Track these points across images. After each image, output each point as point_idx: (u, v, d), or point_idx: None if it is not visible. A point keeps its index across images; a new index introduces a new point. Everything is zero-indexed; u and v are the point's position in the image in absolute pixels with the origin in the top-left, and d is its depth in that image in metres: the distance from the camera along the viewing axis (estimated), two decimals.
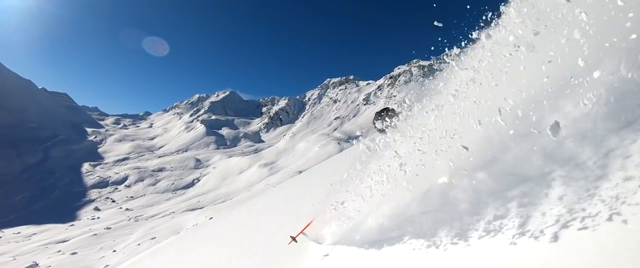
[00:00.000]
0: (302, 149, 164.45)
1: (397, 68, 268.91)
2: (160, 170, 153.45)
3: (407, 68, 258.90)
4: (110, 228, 72.08)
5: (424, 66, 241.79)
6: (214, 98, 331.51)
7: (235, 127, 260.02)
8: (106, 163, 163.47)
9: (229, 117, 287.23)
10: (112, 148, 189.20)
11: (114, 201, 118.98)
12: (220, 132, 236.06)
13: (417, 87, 7.43)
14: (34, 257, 55.40)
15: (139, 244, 52.08)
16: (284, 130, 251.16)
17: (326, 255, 6.91)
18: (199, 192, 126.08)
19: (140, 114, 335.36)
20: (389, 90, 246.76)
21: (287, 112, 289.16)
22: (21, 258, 55.28)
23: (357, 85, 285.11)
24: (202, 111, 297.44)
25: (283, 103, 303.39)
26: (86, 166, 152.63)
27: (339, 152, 73.87)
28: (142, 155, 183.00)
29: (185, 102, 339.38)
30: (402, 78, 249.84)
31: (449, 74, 6.35)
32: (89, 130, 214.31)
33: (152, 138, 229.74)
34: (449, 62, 6.75)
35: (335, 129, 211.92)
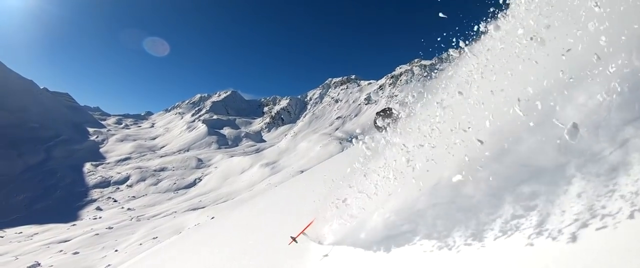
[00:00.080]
0: (304, 149, 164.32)
1: (398, 67, 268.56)
2: (162, 169, 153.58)
3: (409, 67, 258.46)
4: (112, 228, 72.11)
5: (425, 65, 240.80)
6: (215, 98, 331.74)
7: (236, 127, 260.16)
8: (108, 163, 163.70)
9: (230, 117, 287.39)
10: (114, 148, 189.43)
11: (115, 201, 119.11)
12: (221, 131, 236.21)
13: (421, 84, 7.31)
14: (35, 256, 55.41)
15: (140, 244, 52.04)
16: (285, 130, 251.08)
17: (326, 255, 6.79)
18: (201, 191, 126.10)
19: (142, 114, 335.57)
20: (390, 90, 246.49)
21: (289, 111, 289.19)
22: (23, 258, 55.29)
23: (359, 85, 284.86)
24: (203, 111, 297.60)
25: (284, 103, 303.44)
26: (88, 166, 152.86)
27: (341, 152, 73.88)
28: (144, 155, 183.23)
29: (186, 101, 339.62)
30: (404, 77, 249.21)
31: (455, 66, 6.25)
32: (90, 130, 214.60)
33: (154, 138, 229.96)
34: (449, 62, 6.69)
35: (337, 129, 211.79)
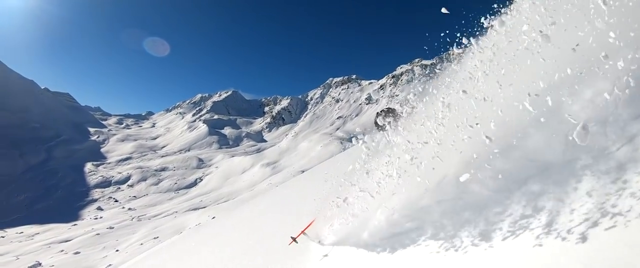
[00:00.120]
0: (305, 149, 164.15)
1: (399, 67, 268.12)
2: (163, 169, 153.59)
3: (410, 67, 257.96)
4: (113, 227, 72.08)
5: (426, 65, 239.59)
6: (216, 98, 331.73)
7: (237, 127, 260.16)
8: (109, 163, 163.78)
9: (231, 117, 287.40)
10: (115, 148, 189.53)
11: (116, 201, 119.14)
12: (222, 131, 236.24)
13: (423, 82, 7.25)
14: (36, 256, 55.40)
15: (141, 244, 51.99)
16: (286, 130, 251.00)
17: (325, 255, 6.75)
18: (202, 191, 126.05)
19: (143, 114, 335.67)
20: (391, 90, 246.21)
21: (290, 111, 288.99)
22: (24, 257, 55.28)
23: (360, 85, 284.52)
24: (204, 111, 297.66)
25: (285, 102, 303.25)
26: (89, 166, 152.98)
27: (342, 152, 73.78)
28: (145, 155, 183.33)
29: (187, 101, 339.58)
30: (405, 77, 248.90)
31: (460, 63, 6.18)
32: (91, 130, 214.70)
33: (155, 138, 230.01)
34: (451, 62, 6.61)
35: (338, 129, 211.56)
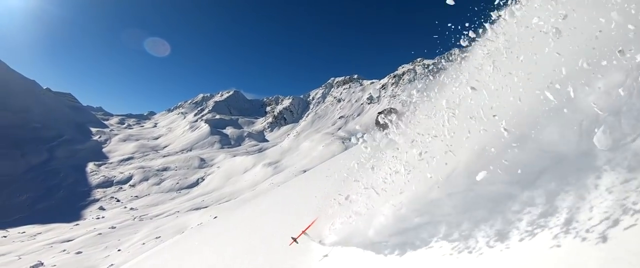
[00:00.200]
0: (306, 148, 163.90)
1: (401, 67, 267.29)
2: (165, 169, 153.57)
3: (411, 67, 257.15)
4: (115, 227, 71.96)
5: (428, 65, 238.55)
6: (218, 98, 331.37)
7: (239, 127, 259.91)
8: (111, 163, 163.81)
9: (233, 117, 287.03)
10: (117, 148, 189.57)
11: (118, 200, 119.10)
12: (224, 131, 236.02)
13: (426, 81, 7.16)
14: (39, 256, 55.34)
15: (143, 243, 51.87)
16: (288, 130, 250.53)
17: (325, 255, 6.68)
18: (204, 191, 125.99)
19: (145, 114, 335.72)
20: (393, 89, 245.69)
21: (291, 111, 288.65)
22: (26, 257, 55.21)
23: (361, 85, 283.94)
24: (206, 111, 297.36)
25: (287, 102, 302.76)
26: (91, 166, 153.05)
27: (344, 151, 73.67)
28: (147, 155, 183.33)
29: (189, 101, 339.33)
30: (407, 77, 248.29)
31: (466, 58, 6.08)
32: (93, 130, 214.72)
33: (157, 138, 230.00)
34: (452, 61, 6.52)
35: (340, 128, 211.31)
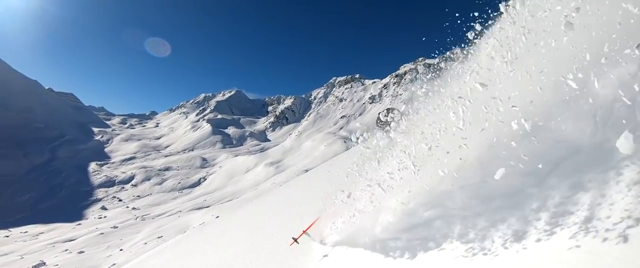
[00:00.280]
0: (308, 148, 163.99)
1: (402, 66, 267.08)
2: (167, 169, 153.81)
3: (413, 66, 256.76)
4: (117, 227, 72.03)
5: (430, 64, 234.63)
6: (219, 97, 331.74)
7: (241, 126, 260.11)
8: (113, 162, 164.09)
9: (235, 116, 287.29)
10: (119, 148, 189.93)
11: (120, 200, 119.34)
12: (226, 131, 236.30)
13: (429, 80, 7.02)
14: (41, 255, 55.39)
15: (145, 243, 51.83)
16: (290, 129, 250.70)
17: (325, 255, 6.59)
18: (205, 191, 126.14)
19: (147, 114, 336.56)
20: (394, 89, 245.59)
21: (293, 110, 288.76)
22: (29, 257, 55.22)
23: (363, 84, 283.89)
24: (208, 110, 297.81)
25: (289, 102, 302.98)
26: (93, 165, 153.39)
27: (345, 151, 73.59)
28: (149, 155, 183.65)
29: (191, 101, 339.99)
30: (408, 76, 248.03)
31: (472, 53, 5.92)
32: (95, 129, 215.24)
33: (159, 138, 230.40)
34: (454, 61, 6.38)
35: (342, 128, 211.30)
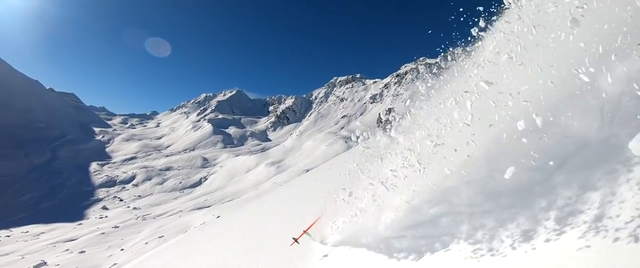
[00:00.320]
0: (309, 148, 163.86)
1: (403, 66, 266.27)
2: (168, 169, 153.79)
3: (414, 66, 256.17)
4: (118, 227, 72.08)
5: (430, 64, 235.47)
6: (220, 97, 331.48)
7: (242, 126, 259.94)
8: (114, 162, 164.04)
9: (235, 116, 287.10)
10: (120, 148, 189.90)
11: (121, 200, 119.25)
12: (227, 131, 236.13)
13: (431, 79, 6.95)
14: (42, 255, 55.46)
15: (146, 243, 51.87)
16: (290, 129, 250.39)
17: (325, 255, 6.53)
18: (206, 190, 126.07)
19: (148, 114, 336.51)
20: (395, 89, 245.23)
21: (294, 110, 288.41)
22: (30, 257, 55.27)
23: (364, 84, 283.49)
24: (209, 110, 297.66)
25: (290, 102, 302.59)
26: (94, 165, 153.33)
27: (346, 151, 73.52)
28: (150, 155, 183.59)
29: (192, 101, 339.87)
30: (409, 76, 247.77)
31: (476, 50, 5.85)
32: (96, 129, 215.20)
33: (160, 138, 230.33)
34: (455, 60, 6.31)
35: (343, 128, 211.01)
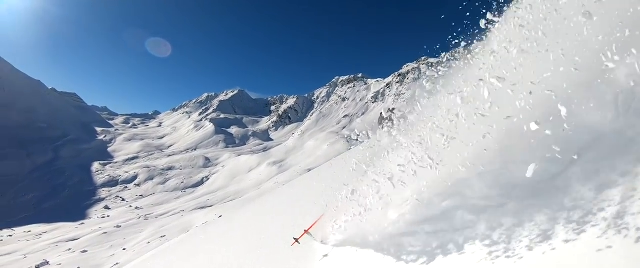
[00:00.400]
0: (311, 147, 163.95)
1: (405, 66, 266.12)
2: (170, 168, 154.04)
3: (416, 66, 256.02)
4: (120, 226, 72.14)
5: (432, 63, 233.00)
6: (222, 97, 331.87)
7: (244, 126, 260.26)
8: (116, 162, 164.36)
9: (237, 116, 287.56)
10: (122, 148, 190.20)
11: (123, 200, 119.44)
12: (229, 130, 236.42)
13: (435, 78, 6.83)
14: (44, 255, 55.48)
15: (148, 242, 51.90)
16: (292, 129, 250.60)
17: (325, 255, 6.44)
18: (208, 190, 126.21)
19: (150, 113, 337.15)
20: (397, 88, 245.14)
21: (296, 110, 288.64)
22: (32, 256, 55.32)
23: (366, 83, 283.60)
24: (211, 110, 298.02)
25: (292, 101, 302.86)
26: (96, 165, 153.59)
27: (348, 150, 73.47)
28: (152, 154, 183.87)
29: (194, 101, 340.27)
30: (411, 76, 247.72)
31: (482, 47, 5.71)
32: (98, 129, 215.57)
33: (162, 138, 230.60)
34: (456, 60, 6.19)
35: (344, 127, 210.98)
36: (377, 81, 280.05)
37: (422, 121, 5.33)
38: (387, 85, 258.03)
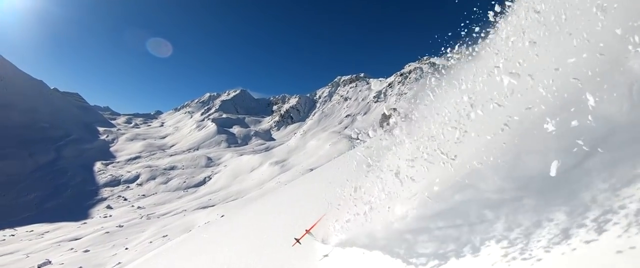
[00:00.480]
0: (313, 147, 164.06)
1: (407, 65, 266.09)
2: (172, 168, 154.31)
3: (418, 65, 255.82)
4: (122, 226, 72.15)
5: (435, 63, 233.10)
6: (224, 97, 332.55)
7: (246, 126, 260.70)
8: (118, 162, 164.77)
9: (239, 116, 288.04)
10: (124, 147, 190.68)
11: (126, 199, 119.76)
12: (231, 130, 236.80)
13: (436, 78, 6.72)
14: (46, 254, 55.49)
15: (151, 242, 51.88)
16: (294, 128, 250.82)
17: (325, 255, 6.38)
18: (211, 190, 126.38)
19: (152, 113, 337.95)
20: (399, 88, 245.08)
21: (298, 110, 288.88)
22: (34, 255, 55.37)
23: (368, 83, 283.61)
24: (213, 110, 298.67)
25: (294, 101, 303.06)
26: (98, 165, 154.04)
27: (350, 150, 73.46)
28: (154, 154, 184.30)
29: (196, 100, 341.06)
30: (413, 75, 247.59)
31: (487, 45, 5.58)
32: (100, 129, 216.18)
33: (164, 137, 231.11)
34: (458, 60, 6.08)
35: (346, 127, 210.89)
36: (379, 80, 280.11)
37: (429, 116, 5.19)
38: (389, 84, 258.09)
